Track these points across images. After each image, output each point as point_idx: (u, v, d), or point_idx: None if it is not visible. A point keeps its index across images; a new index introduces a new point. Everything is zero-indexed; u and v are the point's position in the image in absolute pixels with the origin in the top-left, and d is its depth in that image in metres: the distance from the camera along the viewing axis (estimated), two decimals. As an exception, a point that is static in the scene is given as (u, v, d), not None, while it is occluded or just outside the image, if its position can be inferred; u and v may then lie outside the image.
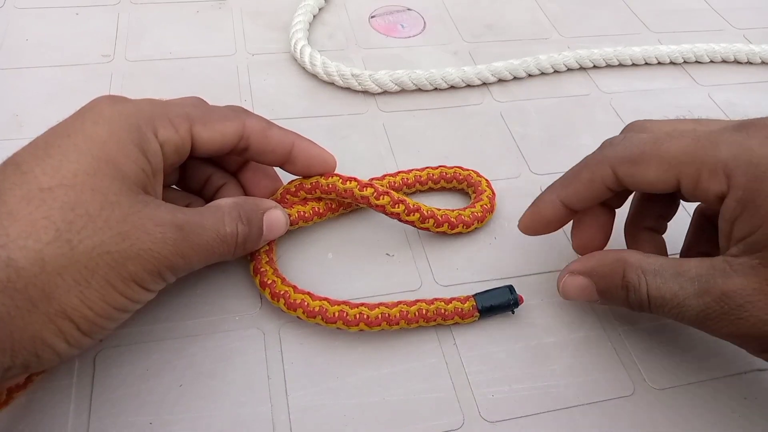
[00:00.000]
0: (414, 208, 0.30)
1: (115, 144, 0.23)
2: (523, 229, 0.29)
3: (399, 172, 0.33)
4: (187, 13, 0.45)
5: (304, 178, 0.30)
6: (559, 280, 0.28)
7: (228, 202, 0.26)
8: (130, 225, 0.22)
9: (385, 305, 0.27)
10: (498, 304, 0.29)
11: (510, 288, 0.29)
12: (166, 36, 0.43)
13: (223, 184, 0.30)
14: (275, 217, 0.28)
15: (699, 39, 0.47)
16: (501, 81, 0.42)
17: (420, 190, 0.34)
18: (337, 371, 0.27)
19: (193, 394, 0.26)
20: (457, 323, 0.28)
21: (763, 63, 0.46)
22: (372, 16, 0.47)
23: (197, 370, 0.26)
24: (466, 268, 0.31)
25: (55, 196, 0.21)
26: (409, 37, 0.46)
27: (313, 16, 0.45)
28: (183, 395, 0.26)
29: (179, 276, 0.24)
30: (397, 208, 0.30)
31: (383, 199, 0.29)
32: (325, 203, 0.31)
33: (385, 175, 0.33)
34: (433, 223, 0.31)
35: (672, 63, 0.46)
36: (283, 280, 0.28)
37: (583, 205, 0.27)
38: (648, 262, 0.24)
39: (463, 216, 0.31)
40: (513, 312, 0.29)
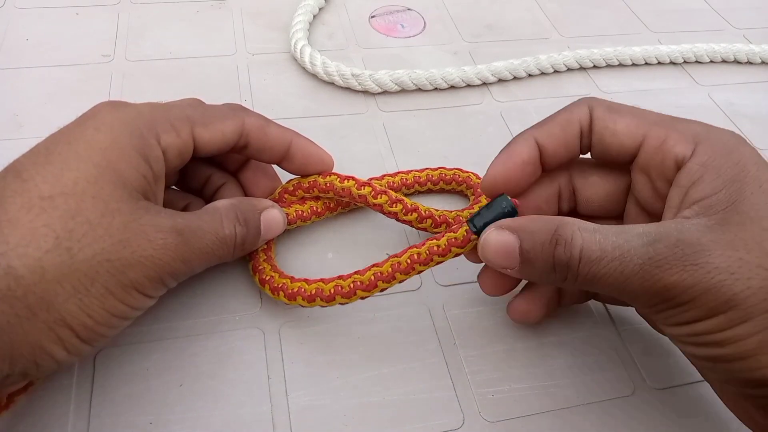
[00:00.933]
0: (412, 207, 0.30)
1: (116, 151, 0.23)
2: (491, 174, 0.26)
3: (398, 173, 0.33)
4: (187, 13, 0.45)
5: (302, 177, 0.30)
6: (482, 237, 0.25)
7: (225, 203, 0.26)
8: (131, 232, 0.22)
9: (377, 265, 0.27)
10: (493, 218, 0.25)
11: (503, 197, 0.26)
12: (166, 36, 0.43)
13: (222, 184, 0.30)
14: (272, 216, 0.28)
15: (699, 39, 0.47)
16: (501, 81, 0.42)
17: (419, 191, 0.34)
18: (337, 371, 0.27)
19: (193, 393, 0.26)
20: (456, 255, 0.26)
21: (763, 63, 0.47)
22: (372, 16, 0.47)
23: (197, 370, 0.26)
24: (466, 268, 0.31)
25: (55, 205, 0.21)
26: (409, 37, 0.46)
27: (313, 16, 0.45)
28: (183, 395, 0.26)
29: (180, 281, 0.25)
30: (395, 208, 0.30)
31: (381, 198, 0.29)
32: (323, 202, 0.31)
33: (384, 176, 0.33)
34: (431, 224, 0.31)
35: (672, 63, 0.46)
36: (281, 273, 0.28)
37: (555, 148, 0.26)
38: (587, 223, 0.23)
39: (461, 217, 0.31)
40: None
